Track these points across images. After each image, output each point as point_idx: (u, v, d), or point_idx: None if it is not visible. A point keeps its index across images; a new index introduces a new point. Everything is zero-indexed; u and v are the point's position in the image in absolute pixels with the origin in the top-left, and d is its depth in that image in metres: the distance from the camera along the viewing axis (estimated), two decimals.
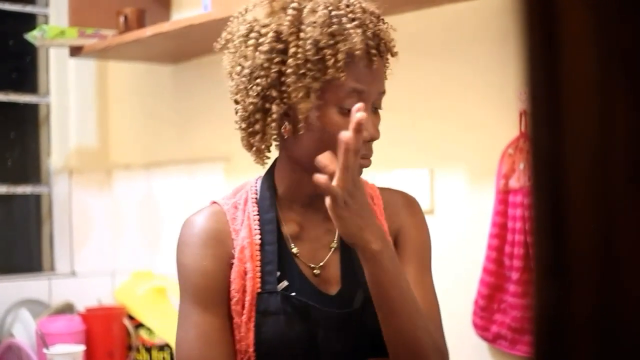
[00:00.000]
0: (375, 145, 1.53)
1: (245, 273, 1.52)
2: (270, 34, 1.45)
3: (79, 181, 3.52)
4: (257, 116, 1.49)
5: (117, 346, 2.95)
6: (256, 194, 1.61)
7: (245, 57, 1.49)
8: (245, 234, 1.55)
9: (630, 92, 0.54)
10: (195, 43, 2.89)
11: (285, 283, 1.53)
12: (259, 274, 1.52)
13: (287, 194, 1.58)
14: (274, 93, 1.46)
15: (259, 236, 1.55)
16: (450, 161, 2.33)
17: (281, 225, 1.58)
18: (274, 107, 1.46)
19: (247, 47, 1.48)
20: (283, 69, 1.44)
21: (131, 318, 2.99)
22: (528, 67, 0.57)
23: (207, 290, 1.53)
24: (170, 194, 3.31)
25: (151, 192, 3.41)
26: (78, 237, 3.51)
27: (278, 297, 1.51)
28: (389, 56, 1.52)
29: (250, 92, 1.48)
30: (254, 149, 1.56)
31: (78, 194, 3.52)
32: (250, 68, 1.47)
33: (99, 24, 3.04)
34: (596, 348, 0.54)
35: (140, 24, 2.93)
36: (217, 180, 3.08)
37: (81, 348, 2.69)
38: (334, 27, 1.43)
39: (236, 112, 1.54)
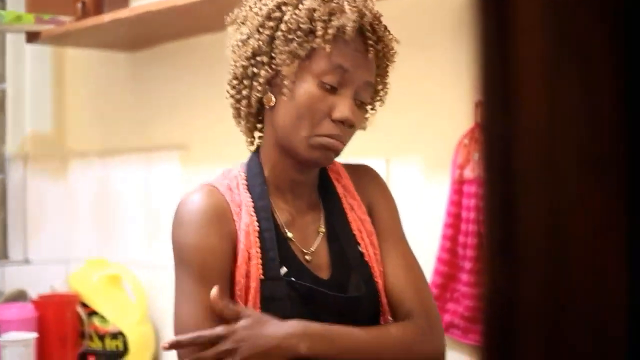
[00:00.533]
0: None
1: (250, 259, 1.51)
2: (273, 3, 1.53)
3: (34, 168, 3.49)
4: (245, 82, 1.55)
5: (69, 333, 2.93)
6: (246, 180, 1.60)
7: (243, 23, 1.57)
8: (248, 220, 1.54)
9: (582, 78, 0.55)
10: (154, 30, 2.88)
11: (284, 269, 1.54)
12: (261, 261, 1.52)
13: (273, 179, 1.60)
14: (264, 59, 1.52)
15: (256, 223, 1.55)
16: (405, 151, 2.35)
17: (274, 212, 1.58)
18: (262, 72, 1.52)
19: (249, 14, 1.56)
20: (275, 34, 1.51)
21: (84, 306, 2.97)
22: (481, 50, 0.58)
23: (215, 269, 1.50)
24: (125, 182, 3.30)
25: (107, 180, 3.39)
26: (32, 225, 3.48)
27: (282, 283, 1.51)
28: (387, 62, 1.59)
29: (242, 54, 1.54)
30: (243, 121, 1.60)
31: (33, 181, 3.49)
32: (247, 34, 1.54)
33: (56, 9, 3.01)
34: (545, 330, 0.55)
35: (99, 10, 2.91)
36: (173, 169, 3.08)
37: (33, 335, 2.68)
38: (334, 4, 1.51)
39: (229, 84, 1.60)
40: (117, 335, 2.90)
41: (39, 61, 3.47)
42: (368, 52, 1.53)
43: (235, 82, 1.57)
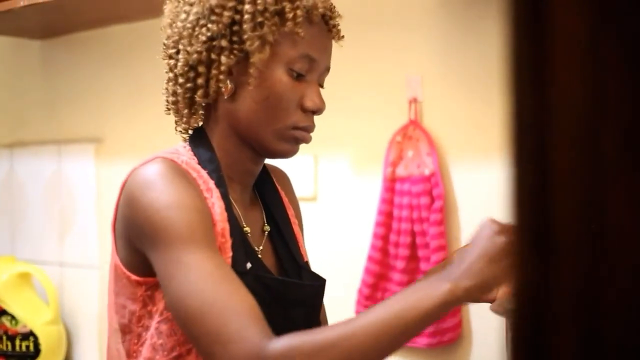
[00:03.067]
0: None
1: (221, 248, 1.33)
2: None
3: None
4: (200, 69, 1.38)
5: None
6: (199, 164, 1.40)
7: (191, 3, 1.39)
8: (219, 203, 1.35)
9: (623, 56, 0.51)
10: (68, 17, 2.76)
11: (249, 264, 1.38)
12: (230, 252, 1.34)
13: (225, 168, 1.43)
14: (224, 43, 1.36)
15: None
16: (335, 147, 2.29)
17: (231, 203, 1.41)
18: (223, 59, 1.36)
19: None
20: (237, 17, 1.36)
21: None
22: (512, 27, 0.53)
23: (206, 227, 1.27)
24: (35, 176, 3.16)
25: (14, 174, 3.24)
26: None
27: (249, 277, 1.34)
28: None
29: (196, 40, 1.38)
30: (187, 111, 1.43)
31: None
32: (198, 14, 1.37)
33: None
34: (580, 325, 0.51)
35: None
36: (87, 162, 2.95)
37: None
38: None
39: (174, 67, 1.42)
40: (28, 336, 2.78)
41: None
42: (331, 37, 1.44)
43: (184, 69, 1.40)
